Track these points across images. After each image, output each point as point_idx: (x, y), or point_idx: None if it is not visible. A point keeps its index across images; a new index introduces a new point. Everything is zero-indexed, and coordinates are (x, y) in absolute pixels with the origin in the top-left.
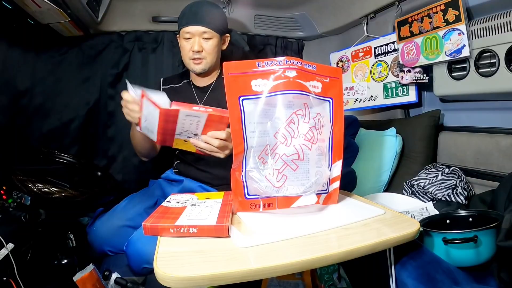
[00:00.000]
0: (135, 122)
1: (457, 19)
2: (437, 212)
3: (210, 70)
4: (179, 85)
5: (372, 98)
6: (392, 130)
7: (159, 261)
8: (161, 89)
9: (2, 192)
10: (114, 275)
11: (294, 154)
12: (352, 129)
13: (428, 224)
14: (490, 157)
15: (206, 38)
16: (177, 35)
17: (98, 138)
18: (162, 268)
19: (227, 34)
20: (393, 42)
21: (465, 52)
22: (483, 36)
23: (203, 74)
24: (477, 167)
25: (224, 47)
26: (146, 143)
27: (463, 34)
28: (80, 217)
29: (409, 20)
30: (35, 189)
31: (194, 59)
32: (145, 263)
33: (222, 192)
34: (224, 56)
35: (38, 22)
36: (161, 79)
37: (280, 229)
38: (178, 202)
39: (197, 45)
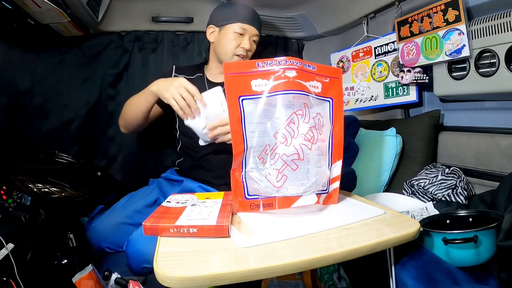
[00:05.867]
0: (189, 115)
1: (457, 19)
2: (437, 212)
3: None
4: (192, 77)
5: (373, 98)
6: (392, 130)
7: (159, 261)
8: (173, 76)
9: (2, 192)
10: (114, 275)
11: (294, 154)
12: (352, 129)
13: (428, 224)
14: (490, 157)
15: (254, 41)
16: (214, 26)
17: (98, 138)
18: (162, 268)
19: None
20: (393, 42)
21: (465, 52)
22: (483, 36)
23: None
24: (477, 167)
25: None
26: (142, 117)
27: (463, 34)
28: (80, 217)
29: (409, 20)
30: (35, 189)
31: (239, 55)
32: (144, 263)
33: (222, 192)
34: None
35: (38, 22)
36: (174, 67)
37: (280, 229)
38: (178, 202)
39: (249, 44)
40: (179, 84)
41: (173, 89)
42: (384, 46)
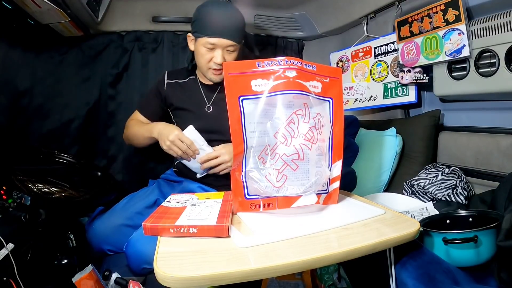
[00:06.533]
0: (184, 157)
1: (457, 19)
2: (437, 212)
3: None
4: (185, 80)
5: (372, 98)
6: (392, 130)
7: (159, 261)
8: (165, 82)
9: (2, 192)
10: (114, 275)
11: (294, 154)
12: (352, 129)
13: (428, 224)
14: (490, 157)
15: (230, 51)
16: (192, 35)
17: (98, 138)
18: (162, 268)
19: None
20: (393, 42)
21: (465, 52)
22: (483, 36)
23: None
24: (477, 167)
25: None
26: (146, 145)
27: (463, 34)
28: (80, 217)
29: (409, 20)
30: (35, 189)
31: (214, 69)
32: (144, 264)
33: (222, 192)
34: None
35: (38, 22)
36: (166, 72)
37: (280, 229)
38: (178, 202)
39: (221, 57)
40: (174, 137)
41: (168, 142)
42: (384, 46)
